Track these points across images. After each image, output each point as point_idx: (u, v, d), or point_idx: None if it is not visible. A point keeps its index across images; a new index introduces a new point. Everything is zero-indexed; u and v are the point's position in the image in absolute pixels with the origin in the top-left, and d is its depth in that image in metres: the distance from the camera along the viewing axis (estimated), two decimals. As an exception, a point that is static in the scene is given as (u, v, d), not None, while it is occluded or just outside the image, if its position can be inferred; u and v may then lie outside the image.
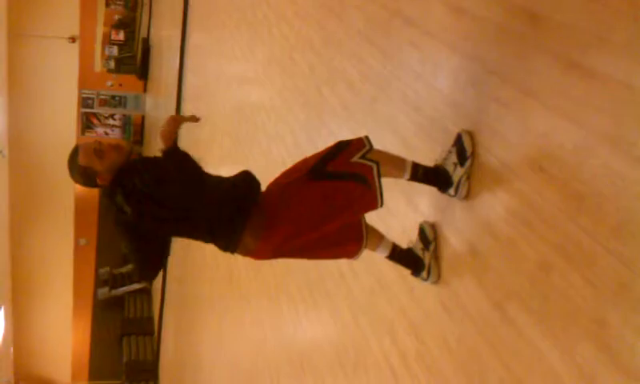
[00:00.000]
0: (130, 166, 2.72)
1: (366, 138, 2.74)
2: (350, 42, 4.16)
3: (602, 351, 1.94)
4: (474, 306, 2.61)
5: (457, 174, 2.71)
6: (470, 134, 2.68)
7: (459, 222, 2.76)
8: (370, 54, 3.81)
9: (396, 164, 2.79)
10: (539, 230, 2.26)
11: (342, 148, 2.73)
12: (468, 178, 2.70)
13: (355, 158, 2.71)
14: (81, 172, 2.71)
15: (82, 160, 2.69)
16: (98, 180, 2.73)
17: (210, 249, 2.83)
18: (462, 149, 2.68)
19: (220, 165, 8.58)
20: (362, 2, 4.00)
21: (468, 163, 2.67)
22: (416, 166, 2.78)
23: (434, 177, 2.78)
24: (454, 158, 2.71)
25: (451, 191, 2.75)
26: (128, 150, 2.75)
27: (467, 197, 2.73)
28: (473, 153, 2.67)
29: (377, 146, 2.75)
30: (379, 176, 2.68)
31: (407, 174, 2.78)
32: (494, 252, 2.51)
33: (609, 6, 2.00)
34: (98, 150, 2.67)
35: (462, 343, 2.69)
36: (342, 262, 4.04)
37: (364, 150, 2.71)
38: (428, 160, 2.87)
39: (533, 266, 2.27)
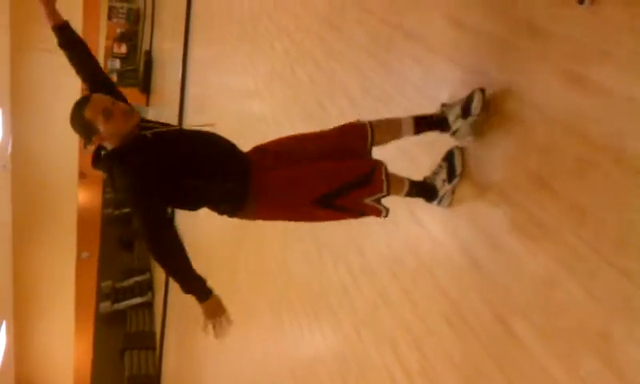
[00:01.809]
0: (139, 145, 2.59)
1: (387, 181, 2.65)
2: (352, 56, 4.17)
3: (607, 365, 1.93)
4: (477, 321, 2.60)
5: (444, 188, 2.76)
6: (462, 152, 2.71)
7: (462, 236, 2.75)
8: (372, 67, 3.81)
9: (399, 190, 2.78)
10: (542, 244, 2.25)
11: (361, 184, 2.63)
12: (453, 191, 2.77)
13: (368, 200, 2.67)
14: (82, 123, 2.56)
15: (88, 113, 2.53)
16: (94, 138, 2.58)
17: (212, 262, 2.83)
18: (452, 167, 2.73)
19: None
20: (363, 16, 4.01)
21: (456, 181, 2.73)
22: (411, 187, 2.79)
23: (422, 191, 2.82)
24: (443, 175, 2.75)
25: (435, 202, 2.82)
26: (136, 122, 2.61)
27: (450, 206, 2.81)
28: (462, 173, 2.71)
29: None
30: (386, 213, 2.72)
31: (403, 194, 2.80)
32: (497, 266, 2.50)
33: (609, 20, 2.01)
34: (108, 111, 2.53)
35: (466, 358, 2.67)
36: (345, 276, 4.03)
37: (380, 195, 2.67)
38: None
39: (536, 279, 2.26)
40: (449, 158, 2.75)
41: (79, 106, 2.55)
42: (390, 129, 2.77)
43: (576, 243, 2.08)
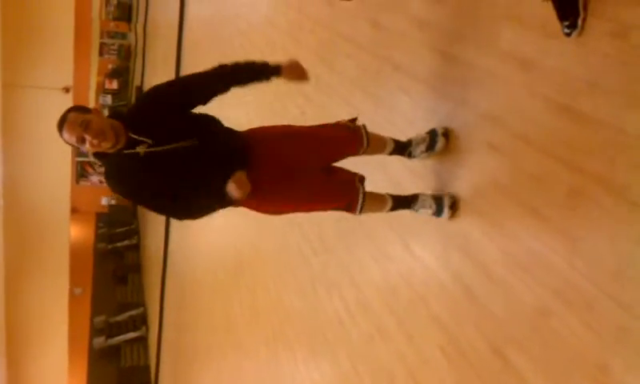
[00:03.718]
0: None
1: (360, 211, 2.94)
2: (342, 89, 4.19)
3: (605, 397, 1.92)
4: (472, 352, 2.58)
5: (425, 213, 2.89)
6: (455, 203, 2.76)
7: (456, 267, 2.75)
8: (362, 99, 3.83)
9: (381, 208, 2.99)
10: (536, 275, 2.24)
11: (337, 209, 2.99)
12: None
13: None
14: (65, 142, 2.63)
15: (66, 137, 2.56)
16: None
17: (206, 298, 2.82)
18: (440, 209, 2.81)
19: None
20: (352, 51, 4.04)
21: (438, 216, 2.83)
22: (395, 204, 2.97)
23: (404, 207, 2.98)
24: (430, 204, 2.85)
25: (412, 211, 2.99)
26: (110, 145, 2.58)
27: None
28: (448, 216, 2.79)
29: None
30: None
31: (386, 211, 2.99)
32: (492, 296, 2.49)
33: (597, 52, 2.02)
34: (81, 138, 2.53)
35: (463, 390, 2.65)
36: (340, 310, 4.01)
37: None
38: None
39: (531, 310, 2.25)
40: (439, 201, 2.82)
41: (59, 127, 2.57)
42: (378, 146, 3.02)
43: (571, 274, 2.08)
